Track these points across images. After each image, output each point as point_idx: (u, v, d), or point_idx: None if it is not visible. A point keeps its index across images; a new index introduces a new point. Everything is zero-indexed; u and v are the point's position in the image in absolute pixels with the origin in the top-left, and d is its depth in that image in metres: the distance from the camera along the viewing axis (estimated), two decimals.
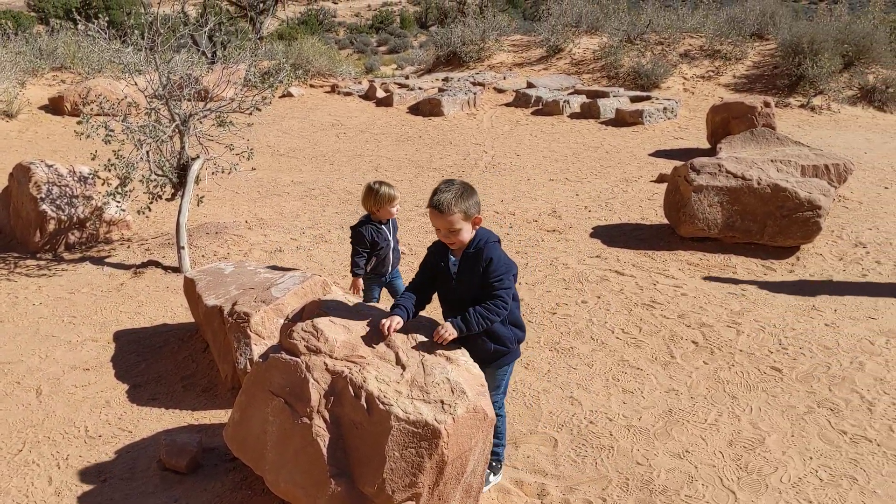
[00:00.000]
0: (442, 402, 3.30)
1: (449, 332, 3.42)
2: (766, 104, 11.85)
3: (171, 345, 5.48)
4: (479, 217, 3.48)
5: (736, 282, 6.45)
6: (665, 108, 14.55)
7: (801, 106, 15.46)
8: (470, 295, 3.50)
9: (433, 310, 3.73)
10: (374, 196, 4.93)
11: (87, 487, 3.89)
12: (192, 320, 5.65)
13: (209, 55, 16.24)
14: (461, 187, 3.43)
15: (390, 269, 5.16)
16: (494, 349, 3.60)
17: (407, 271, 6.05)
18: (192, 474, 3.97)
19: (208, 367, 5.10)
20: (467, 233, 3.44)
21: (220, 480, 3.92)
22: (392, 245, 5.10)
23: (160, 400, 4.76)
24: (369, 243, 4.99)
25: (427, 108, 15.44)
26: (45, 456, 4.17)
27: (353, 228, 5.06)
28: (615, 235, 7.82)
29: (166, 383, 4.96)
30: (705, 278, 6.55)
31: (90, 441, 4.31)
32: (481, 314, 3.43)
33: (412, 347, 3.53)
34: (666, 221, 7.92)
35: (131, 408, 4.67)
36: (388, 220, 5.09)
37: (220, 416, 4.52)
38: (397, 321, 3.54)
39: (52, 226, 7.42)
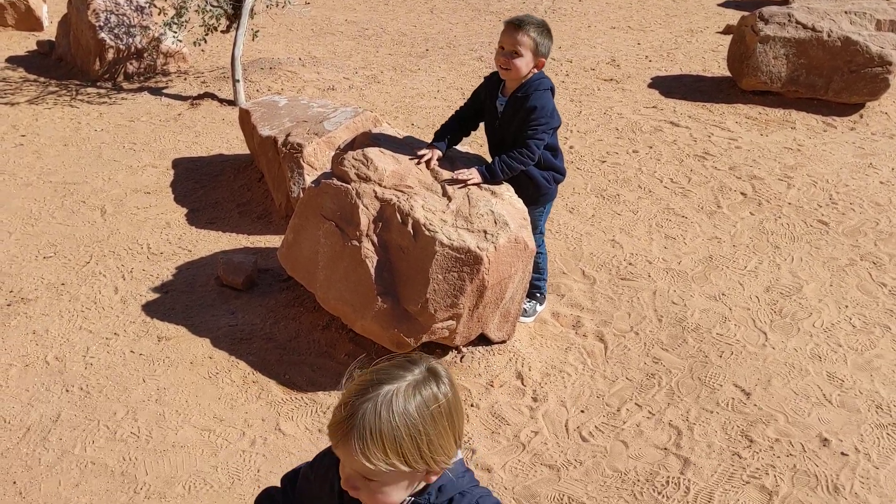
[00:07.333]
0: (485, 231, 3.41)
1: (473, 179, 3.53)
2: None
3: (227, 174, 5.65)
4: (543, 60, 3.42)
5: (793, 137, 6.31)
6: None
7: None
8: (510, 136, 3.53)
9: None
10: None
11: (150, 297, 4.17)
12: (248, 152, 5.79)
13: None
14: (543, 22, 3.39)
15: None
16: (531, 191, 3.67)
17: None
18: (247, 291, 4.22)
19: (263, 196, 5.27)
20: (525, 65, 3.37)
21: (274, 298, 4.16)
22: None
23: (217, 224, 4.98)
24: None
25: None
26: (110, 268, 4.45)
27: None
28: (674, 86, 7.62)
29: (223, 209, 5.16)
30: (762, 132, 6.41)
31: (152, 257, 4.57)
32: (507, 164, 3.48)
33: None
34: (728, 74, 7.65)
35: (190, 230, 4.90)
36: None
37: (273, 241, 4.73)
38: (437, 155, 3.64)
39: (110, 55, 7.51)
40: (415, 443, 1.31)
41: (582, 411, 3.36)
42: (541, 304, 4.03)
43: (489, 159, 3.64)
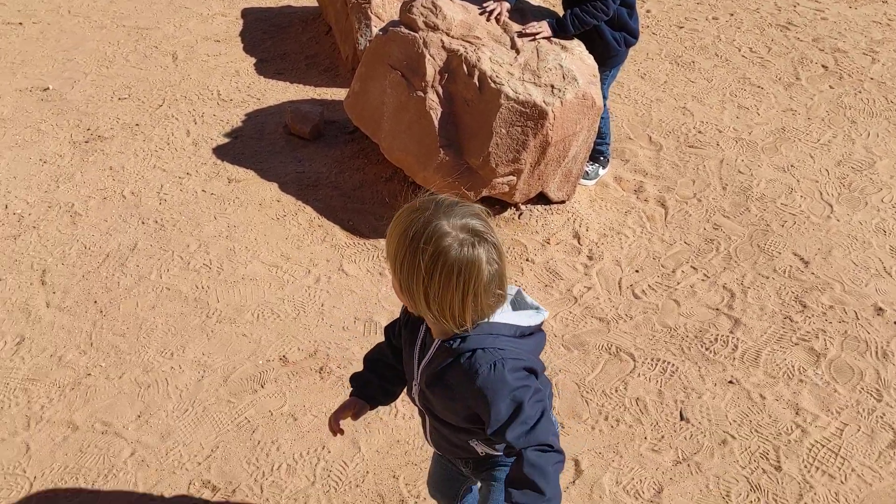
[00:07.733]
0: (552, 86, 3.37)
1: (543, 33, 3.47)
2: None
3: (296, 26, 5.63)
4: None
5: (884, 11, 5.94)
6: None
7: None
8: None
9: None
10: None
11: (220, 142, 4.29)
12: (315, 4, 5.73)
13: None
14: None
15: None
16: (599, 51, 3.58)
17: None
18: (314, 141, 4.29)
19: (330, 49, 5.26)
20: None
21: (340, 149, 4.23)
22: None
23: (285, 75, 5.01)
24: None
25: None
26: (182, 112, 4.56)
27: None
28: None
29: (291, 60, 5.18)
30: (851, 4, 6.06)
31: (222, 104, 4.65)
32: (579, 17, 3.40)
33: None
34: None
35: (258, 79, 4.94)
36: None
37: (340, 94, 4.75)
38: (506, 7, 3.58)
39: None
40: (395, 251, 1.40)
41: (636, 271, 3.41)
42: (603, 168, 4.01)
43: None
